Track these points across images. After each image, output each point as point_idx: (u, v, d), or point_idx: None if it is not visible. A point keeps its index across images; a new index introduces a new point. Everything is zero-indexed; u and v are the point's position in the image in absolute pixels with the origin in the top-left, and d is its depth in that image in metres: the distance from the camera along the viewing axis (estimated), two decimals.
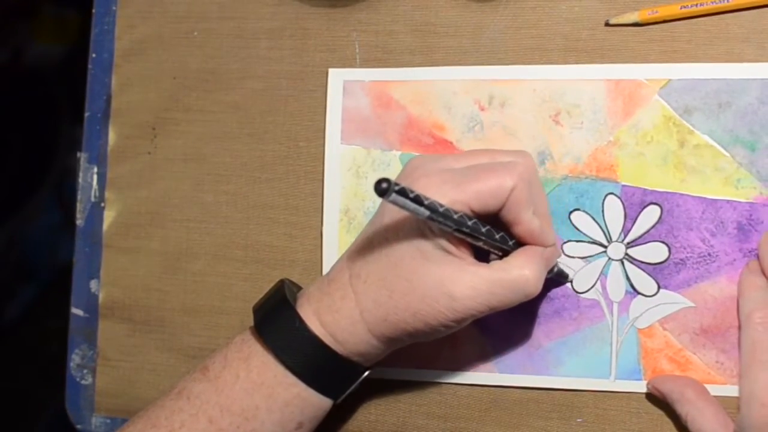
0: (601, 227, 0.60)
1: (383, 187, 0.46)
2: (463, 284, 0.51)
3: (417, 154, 0.62)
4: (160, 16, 0.68)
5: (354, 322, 0.54)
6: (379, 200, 0.51)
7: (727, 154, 0.58)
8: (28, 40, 1.38)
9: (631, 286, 0.59)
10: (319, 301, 0.55)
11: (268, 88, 0.66)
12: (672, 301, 0.58)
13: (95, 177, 0.69)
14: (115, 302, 0.68)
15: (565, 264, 0.60)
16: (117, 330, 0.68)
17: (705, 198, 0.58)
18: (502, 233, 0.53)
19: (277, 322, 0.55)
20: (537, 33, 0.62)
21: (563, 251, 0.60)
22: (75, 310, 0.69)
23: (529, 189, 0.52)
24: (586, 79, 0.60)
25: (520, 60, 0.62)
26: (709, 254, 0.58)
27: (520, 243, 0.54)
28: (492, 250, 0.54)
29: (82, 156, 0.69)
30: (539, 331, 0.60)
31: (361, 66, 0.64)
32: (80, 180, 0.69)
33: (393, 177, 0.61)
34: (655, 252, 0.59)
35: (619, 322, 0.59)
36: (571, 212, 0.60)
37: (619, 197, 0.59)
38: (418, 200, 0.48)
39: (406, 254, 0.52)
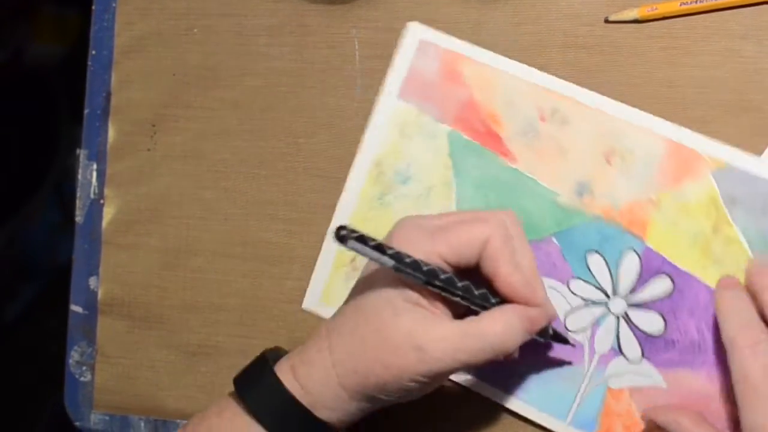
0: (611, 277, 0.59)
1: (342, 234, 0.46)
2: (431, 336, 0.50)
3: (466, 137, 0.61)
4: (160, 13, 0.68)
5: (327, 374, 0.52)
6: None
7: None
8: (28, 40, 1.38)
9: (618, 345, 0.59)
10: (297, 355, 0.54)
11: (267, 85, 0.66)
12: (648, 375, 0.58)
13: (95, 174, 0.69)
14: (115, 299, 0.68)
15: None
16: (116, 327, 0.68)
17: None
18: (484, 290, 0.52)
19: (251, 375, 0.55)
20: (536, 29, 0.62)
21: (569, 288, 0.59)
22: (74, 307, 0.69)
23: (507, 241, 0.51)
24: (650, 131, 0.59)
25: (518, 56, 0.61)
26: (700, 346, 0.57)
27: (505, 302, 0.52)
28: (474, 307, 0.52)
29: (82, 153, 0.69)
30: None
31: (361, 63, 0.64)
32: (80, 177, 0.69)
33: (439, 144, 0.61)
34: (652, 323, 0.58)
35: (594, 373, 0.59)
36: (588, 251, 0.59)
37: (639, 256, 0.58)
38: (380, 249, 0.47)
39: (377, 306, 0.51)
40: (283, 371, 0.54)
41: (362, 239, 0.47)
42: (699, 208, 0.58)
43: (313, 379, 0.53)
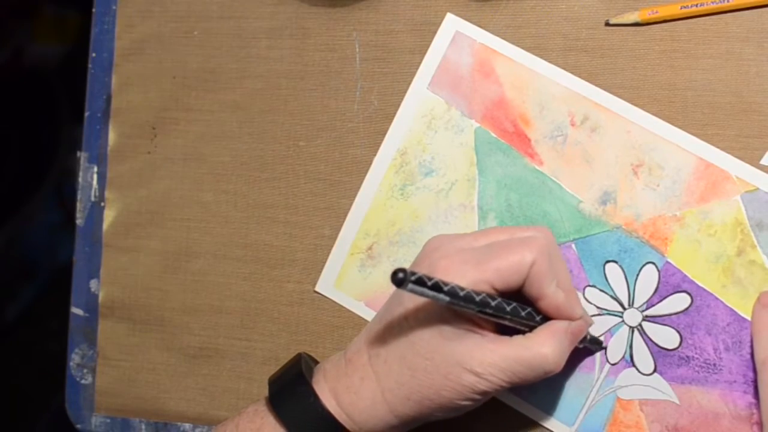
0: (629, 289, 0.59)
1: (400, 277, 0.46)
2: (484, 361, 0.51)
3: (494, 134, 0.61)
4: (160, 16, 0.68)
5: (375, 402, 0.53)
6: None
7: None
8: (28, 40, 1.38)
9: (631, 356, 0.58)
10: (336, 381, 0.54)
11: (267, 88, 0.66)
12: (660, 388, 0.58)
13: (95, 176, 0.69)
14: (115, 302, 0.68)
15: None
16: (117, 329, 0.68)
17: (736, 312, 0.57)
18: (528, 309, 0.52)
19: (292, 396, 0.55)
20: (536, 32, 0.61)
21: (584, 296, 0.59)
22: (75, 310, 0.69)
23: (549, 262, 0.51)
24: (681, 147, 0.58)
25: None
26: (715, 365, 0.57)
27: (547, 318, 0.53)
28: (519, 326, 0.53)
29: (82, 156, 0.69)
30: None
31: (361, 65, 0.64)
32: (80, 179, 0.69)
33: (465, 140, 0.61)
34: (668, 337, 0.58)
35: (604, 382, 0.59)
36: (607, 261, 0.59)
37: (658, 270, 0.58)
38: (437, 287, 0.47)
39: (426, 334, 0.52)
40: (325, 396, 0.54)
41: (420, 281, 0.47)
42: (724, 229, 0.58)
43: (360, 408, 0.53)
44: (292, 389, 0.55)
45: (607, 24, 0.60)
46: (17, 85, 1.37)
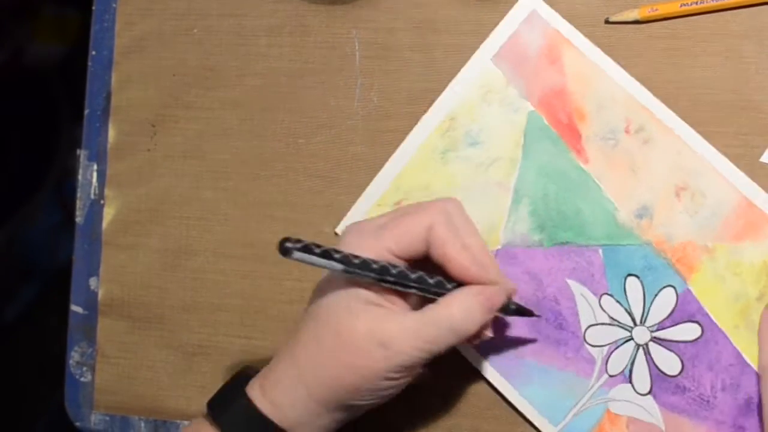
0: (644, 306, 0.59)
1: (286, 246, 0.45)
2: (391, 331, 0.50)
3: (545, 121, 0.61)
4: (160, 13, 0.68)
5: (294, 387, 0.52)
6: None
7: None
8: (28, 40, 1.38)
9: (630, 373, 0.58)
10: (266, 375, 0.53)
11: (267, 85, 0.66)
12: (651, 411, 0.58)
13: (95, 174, 0.69)
14: (115, 299, 0.68)
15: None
16: (116, 327, 0.68)
17: (742, 356, 0.57)
18: (439, 278, 0.52)
19: (224, 397, 0.54)
20: None
21: (600, 303, 0.59)
22: (74, 308, 0.69)
23: (449, 224, 0.51)
24: (728, 181, 0.58)
25: None
26: (708, 402, 0.57)
27: (461, 285, 0.52)
28: (431, 296, 0.52)
29: (82, 153, 0.69)
30: (529, 345, 0.59)
31: (361, 63, 0.64)
32: (80, 177, 0.69)
33: (517, 119, 0.60)
34: (670, 363, 0.58)
35: (597, 392, 0.59)
36: (630, 275, 0.59)
37: (677, 295, 0.58)
38: (327, 255, 0.47)
39: (333, 310, 0.51)
40: (255, 390, 0.53)
41: (307, 248, 0.46)
42: (751, 270, 0.58)
43: (283, 397, 0.52)
44: (224, 391, 0.55)
45: (607, 21, 0.61)
46: (17, 85, 1.37)
